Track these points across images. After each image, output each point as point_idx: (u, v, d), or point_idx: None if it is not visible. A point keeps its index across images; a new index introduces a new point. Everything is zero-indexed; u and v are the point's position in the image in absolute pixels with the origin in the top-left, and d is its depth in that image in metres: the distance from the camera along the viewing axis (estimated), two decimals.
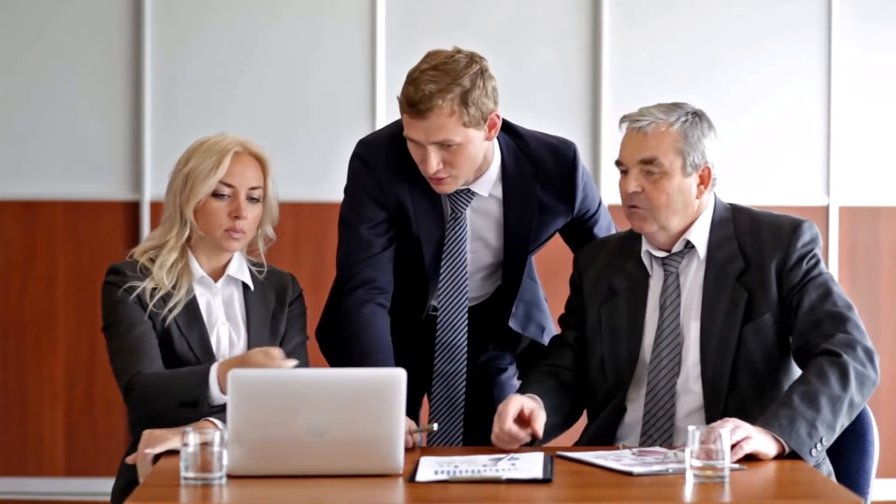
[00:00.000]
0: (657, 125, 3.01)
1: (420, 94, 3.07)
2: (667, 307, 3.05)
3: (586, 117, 5.51)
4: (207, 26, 5.50)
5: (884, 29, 5.57)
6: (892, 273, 5.62)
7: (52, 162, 5.49)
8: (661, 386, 3.02)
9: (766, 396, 2.98)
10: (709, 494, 2.48)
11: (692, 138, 3.02)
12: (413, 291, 3.37)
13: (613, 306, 3.10)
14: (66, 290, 5.53)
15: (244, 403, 2.58)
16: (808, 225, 3.05)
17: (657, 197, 3.00)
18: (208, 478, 2.50)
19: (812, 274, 3.01)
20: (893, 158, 5.60)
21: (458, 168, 3.15)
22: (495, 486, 2.54)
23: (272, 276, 3.22)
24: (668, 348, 3.03)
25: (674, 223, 3.03)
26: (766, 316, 3.00)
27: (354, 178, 3.31)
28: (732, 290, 3.01)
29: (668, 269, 3.07)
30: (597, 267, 3.17)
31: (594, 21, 5.53)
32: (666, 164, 2.99)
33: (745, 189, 5.50)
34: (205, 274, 3.14)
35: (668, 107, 3.06)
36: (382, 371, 2.73)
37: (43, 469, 5.53)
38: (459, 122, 3.09)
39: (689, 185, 3.02)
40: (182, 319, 3.08)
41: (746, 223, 3.07)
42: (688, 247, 3.06)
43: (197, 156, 3.10)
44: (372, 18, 5.50)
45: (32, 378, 5.53)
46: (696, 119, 3.05)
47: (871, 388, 2.90)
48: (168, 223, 3.14)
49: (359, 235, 3.28)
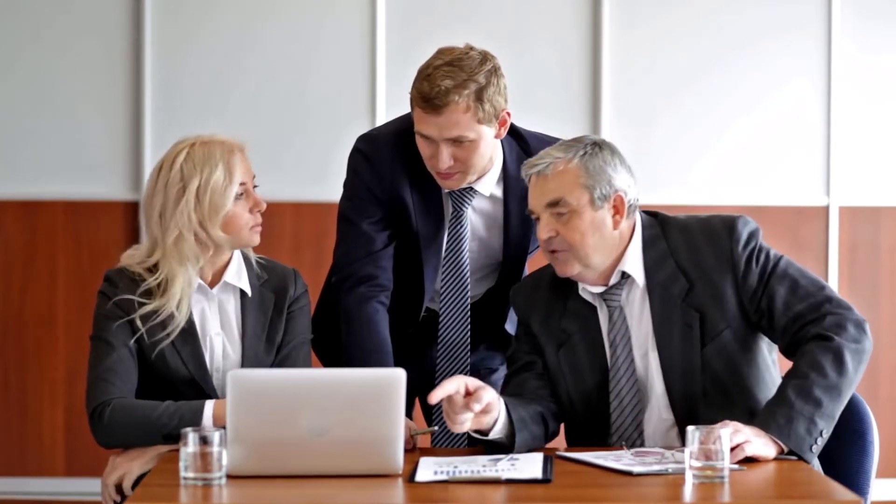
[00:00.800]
0: (555, 165, 2.94)
1: (436, 90, 3.06)
2: (617, 344, 2.99)
3: (586, 118, 5.51)
4: (207, 26, 5.50)
5: (884, 29, 5.57)
6: (893, 273, 5.62)
7: (52, 162, 5.49)
8: (626, 423, 2.98)
9: (739, 407, 2.93)
10: (708, 494, 2.48)
11: (593, 170, 2.93)
12: (409, 291, 3.37)
13: (570, 349, 3.02)
14: (66, 290, 5.53)
15: (244, 403, 2.58)
16: (743, 222, 2.98)
17: (571, 236, 2.93)
18: (208, 478, 2.50)
19: (768, 269, 2.95)
20: (893, 158, 5.60)
21: (468, 165, 3.15)
22: (495, 487, 2.54)
23: (273, 276, 3.13)
24: (626, 385, 2.98)
25: (597, 260, 2.95)
26: (724, 333, 2.94)
27: (354, 172, 3.30)
28: (682, 312, 2.94)
29: (610, 305, 3.00)
30: (540, 309, 3.08)
31: (594, 21, 5.53)
32: (572, 202, 2.92)
33: (745, 189, 5.50)
34: (201, 281, 3.05)
35: (566, 144, 2.98)
36: (382, 371, 2.73)
37: (43, 469, 5.53)
38: (474, 119, 3.09)
39: (602, 218, 2.94)
40: (178, 337, 3.01)
41: (678, 237, 3.00)
42: (624, 277, 2.99)
43: (195, 170, 2.99)
44: (372, 18, 5.50)
45: (32, 378, 5.53)
46: (595, 150, 2.96)
47: (866, 359, 2.86)
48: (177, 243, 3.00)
49: (359, 231, 3.27)
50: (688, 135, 5.53)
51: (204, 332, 3.05)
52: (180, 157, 3.01)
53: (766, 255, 2.96)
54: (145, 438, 2.89)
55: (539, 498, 2.50)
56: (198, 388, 3.01)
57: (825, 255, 5.52)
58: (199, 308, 3.06)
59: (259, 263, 3.14)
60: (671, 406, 2.96)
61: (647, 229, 3.01)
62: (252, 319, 3.08)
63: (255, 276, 3.12)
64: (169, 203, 3.00)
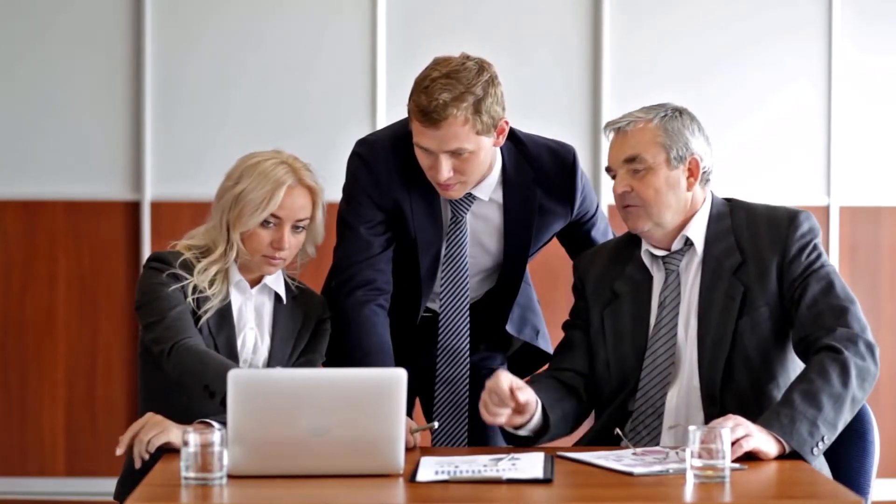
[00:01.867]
0: (636, 123, 3.04)
1: (434, 103, 3.05)
2: (665, 306, 3.05)
3: (587, 120, 5.51)
4: (208, 27, 5.50)
5: (884, 30, 5.57)
6: (893, 273, 5.62)
7: (53, 162, 5.49)
8: (652, 385, 3.03)
9: (762, 390, 2.98)
10: (709, 494, 2.48)
11: (672, 131, 3.03)
12: (407, 294, 3.37)
13: (616, 309, 3.11)
14: (67, 290, 5.53)
15: (244, 403, 2.58)
16: (806, 216, 3.06)
17: (646, 192, 3.01)
18: (208, 478, 2.50)
19: (814, 266, 3.01)
20: (894, 158, 5.61)
21: (468, 175, 3.15)
22: (496, 486, 2.54)
23: (304, 296, 3.22)
24: (662, 348, 3.03)
25: (668, 218, 3.04)
26: (762, 309, 3.00)
27: (353, 177, 3.30)
28: (729, 284, 3.01)
29: (668, 269, 3.07)
30: (597, 271, 3.17)
31: (595, 23, 5.53)
32: (649, 159, 3.01)
33: (746, 189, 5.49)
34: (242, 278, 3.14)
35: (649, 107, 3.08)
36: (383, 371, 2.73)
37: (43, 469, 5.53)
38: (473, 131, 3.09)
39: (677, 178, 3.03)
40: (213, 320, 3.09)
41: (743, 217, 3.08)
42: (687, 244, 3.07)
43: (250, 177, 3.08)
44: (372, 19, 5.50)
45: (33, 378, 5.53)
46: (675, 114, 3.06)
47: (872, 382, 2.89)
48: (213, 233, 3.13)
49: (358, 235, 3.28)
50: None
51: (239, 326, 3.13)
52: (251, 161, 3.13)
53: (817, 253, 3.04)
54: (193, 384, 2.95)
55: (540, 498, 2.50)
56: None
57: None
58: (238, 304, 3.14)
59: (296, 284, 3.23)
60: (699, 373, 3.01)
61: (716, 206, 3.10)
62: (283, 323, 3.16)
63: (291, 290, 3.20)
64: (221, 193, 3.13)
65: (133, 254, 5.48)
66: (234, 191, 3.09)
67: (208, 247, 3.13)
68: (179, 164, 5.47)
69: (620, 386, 3.07)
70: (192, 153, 5.46)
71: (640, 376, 3.04)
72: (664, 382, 3.02)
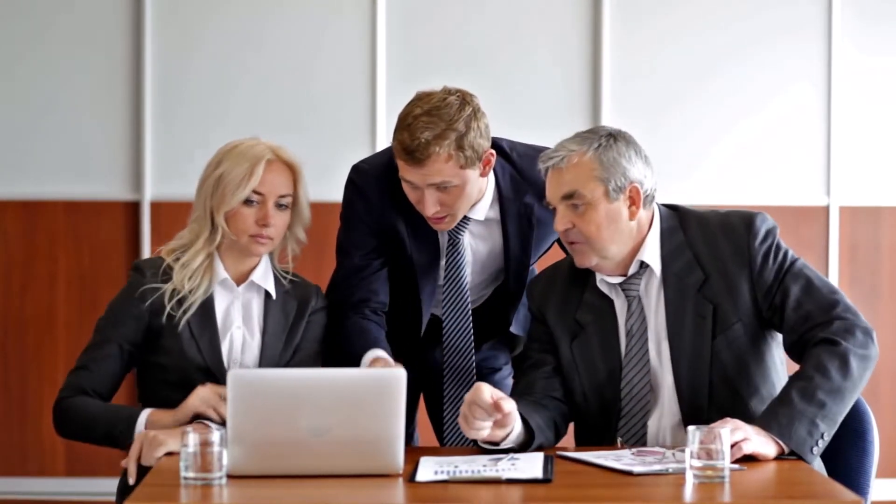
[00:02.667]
0: (569, 157, 2.95)
1: (416, 142, 3.05)
2: (633, 334, 3.00)
3: (586, 120, 5.50)
4: (208, 27, 5.50)
5: (884, 30, 5.57)
6: (893, 273, 5.61)
7: (53, 162, 5.49)
8: (633, 413, 2.99)
9: (746, 404, 2.95)
10: (708, 494, 2.48)
11: (607, 162, 2.94)
12: (410, 308, 3.37)
13: (584, 341, 3.04)
14: (67, 290, 5.53)
15: (244, 403, 2.58)
16: (761, 219, 3.00)
17: (587, 229, 2.94)
18: (208, 478, 2.50)
19: (784, 266, 2.96)
20: (894, 158, 5.60)
21: (455, 208, 3.16)
22: (495, 486, 2.54)
23: (297, 287, 3.21)
24: (637, 376, 2.99)
25: (613, 250, 2.97)
26: (736, 326, 2.95)
27: (348, 204, 3.32)
28: (696, 302, 2.96)
29: (628, 294, 3.01)
30: (556, 301, 3.09)
31: (594, 24, 5.52)
32: (587, 195, 2.94)
33: (745, 189, 5.50)
34: (228, 277, 3.14)
35: (581, 136, 2.99)
36: (382, 371, 2.74)
37: (43, 469, 5.52)
38: (456, 166, 3.09)
39: (618, 210, 2.96)
40: (195, 322, 3.08)
41: (696, 229, 3.02)
42: (643, 267, 3.00)
43: (229, 160, 3.10)
44: (372, 20, 5.50)
45: (33, 378, 5.53)
46: (610, 141, 2.97)
47: (871, 366, 2.87)
48: (197, 225, 3.15)
49: (352, 262, 3.31)
50: (688, 136, 5.53)
51: (226, 326, 3.12)
52: (228, 147, 3.14)
53: (783, 253, 2.98)
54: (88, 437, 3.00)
55: (539, 498, 2.50)
56: (212, 377, 3.05)
57: (825, 255, 5.52)
58: (224, 304, 3.13)
59: (286, 276, 3.21)
60: (678, 397, 2.97)
61: (665, 220, 3.03)
62: (274, 319, 3.15)
63: (282, 284, 3.19)
64: (201, 185, 3.15)
65: (133, 254, 5.48)
66: (214, 175, 3.11)
67: (193, 242, 3.14)
68: (179, 164, 5.47)
69: (603, 413, 3.02)
70: (191, 153, 5.45)
71: (621, 405, 2.99)
72: (644, 410, 2.99)
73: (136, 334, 3.08)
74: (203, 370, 3.06)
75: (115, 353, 3.07)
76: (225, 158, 3.11)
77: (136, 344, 3.08)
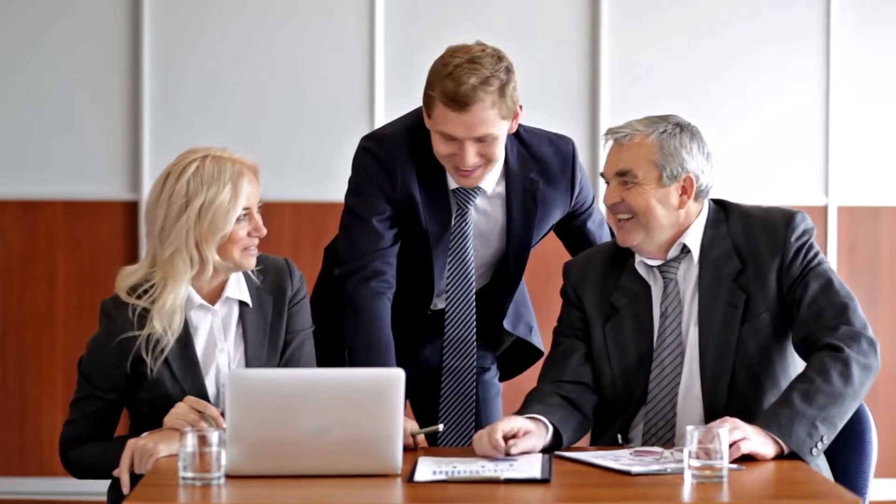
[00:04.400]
0: (632, 137, 3.01)
1: (463, 87, 3.07)
2: (668, 315, 3.03)
3: (585, 119, 5.51)
4: (206, 27, 5.50)
5: (882, 30, 5.57)
6: (892, 273, 5.62)
7: (52, 162, 5.49)
8: (662, 395, 3.01)
9: (765, 395, 2.98)
10: (707, 494, 2.48)
11: (668, 149, 3.00)
12: (417, 288, 3.37)
13: (617, 324, 3.07)
14: (66, 290, 5.53)
15: (243, 403, 2.58)
16: (801, 217, 3.05)
17: (636, 203, 2.99)
18: (207, 478, 2.50)
19: (811, 265, 3.00)
20: (892, 158, 5.60)
21: (492, 159, 3.18)
22: (493, 486, 2.55)
23: (267, 275, 3.10)
24: (668, 357, 3.02)
25: (658, 231, 3.01)
26: (762, 315, 2.99)
27: (364, 172, 3.29)
28: (730, 291, 3.00)
29: (666, 277, 3.05)
30: (593, 283, 3.12)
31: (593, 23, 5.53)
32: (639, 176, 2.99)
33: (744, 189, 5.49)
34: (203, 301, 3.03)
35: (651, 119, 3.05)
36: (381, 371, 2.74)
37: (43, 469, 5.52)
38: (499, 115, 3.12)
39: (667, 195, 3.01)
40: (176, 364, 2.99)
41: (738, 221, 3.06)
42: (684, 251, 3.05)
43: (201, 186, 2.95)
44: (371, 20, 5.50)
45: (32, 378, 5.53)
46: (675, 130, 3.02)
47: (872, 377, 2.89)
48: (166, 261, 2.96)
49: (371, 227, 3.27)
50: None
51: (207, 353, 3.03)
52: (189, 171, 2.97)
53: (814, 253, 3.03)
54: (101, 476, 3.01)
55: (537, 498, 2.50)
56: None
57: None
58: (205, 327, 3.04)
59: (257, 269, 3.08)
60: (701, 381, 3.00)
61: (712, 213, 3.08)
62: (252, 326, 3.06)
63: (252, 281, 3.09)
64: (171, 216, 2.96)
65: (131, 254, 5.48)
66: (193, 206, 2.93)
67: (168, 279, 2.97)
68: None
69: (628, 400, 3.05)
70: None
71: (649, 388, 3.02)
72: (673, 393, 3.01)
73: (118, 381, 3.00)
74: None
75: (100, 406, 3.03)
76: (193, 186, 2.95)
77: (121, 390, 3.01)
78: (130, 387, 3.02)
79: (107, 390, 3.03)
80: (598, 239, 3.48)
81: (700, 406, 3.00)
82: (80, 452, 3.04)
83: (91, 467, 3.03)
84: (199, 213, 2.94)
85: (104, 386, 3.02)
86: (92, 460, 3.02)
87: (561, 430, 2.91)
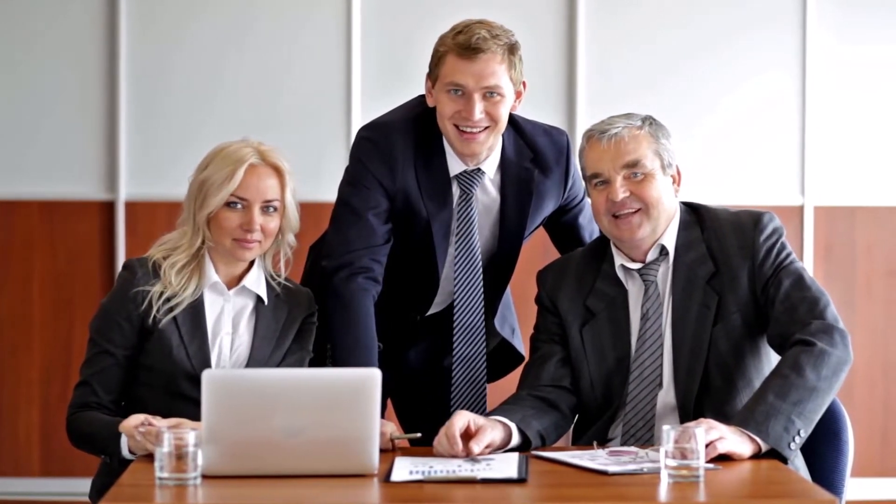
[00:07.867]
0: (630, 129, 3.04)
1: (476, 37, 3.16)
2: (649, 317, 3.04)
3: (561, 111, 5.51)
4: (183, 28, 5.49)
5: (861, 19, 5.56)
6: (868, 273, 5.64)
7: (28, 162, 5.48)
8: (642, 396, 3.02)
9: (738, 395, 2.99)
10: (683, 494, 2.49)
11: (661, 139, 3.07)
12: (414, 291, 3.36)
13: (594, 327, 3.09)
14: (42, 290, 5.51)
15: (219, 403, 2.57)
16: (769, 217, 3.07)
17: (648, 194, 3.02)
18: (183, 478, 2.50)
19: (783, 264, 3.02)
20: (869, 158, 5.62)
21: (498, 119, 3.21)
22: (470, 486, 2.55)
23: (289, 293, 3.17)
24: (649, 359, 3.03)
25: (661, 224, 3.05)
26: (734, 315, 3.01)
27: (360, 161, 3.28)
28: (703, 293, 3.02)
29: (647, 280, 3.06)
30: (568, 288, 3.14)
31: (570, 14, 5.53)
32: (649, 166, 3.02)
33: (718, 188, 5.51)
34: (219, 280, 3.10)
35: (628, 115, 3.09)
36: (357, 371, 2.73)
37: (19, 469, 5.51)
38: (507, 72, 3.19)
39: (668, 186, 3.07)
40: (185, 327, 3.06)
41: (710, 224, 3.08)
42: (662, 253, 3.07)
43: (215, 163, 3.07)
44: (347, 19, 5.49)
45: (8, 378, 5.51)
46: (656, 123, 3.09)
47: (846, 369, 2.90)
48: (182, 226, 3.12)
49: (364, 221, 3.26)
50: None
51: (215, 332, 3.09)
52: (214, 150, 3.12)
53: (785, 252, 3.05)
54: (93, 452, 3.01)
55: (514, 497, 2.50)
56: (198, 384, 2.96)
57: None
58: (216, 308, 3.11)
59: (279, 282, 3.17)
60: (674, 381, 3.01)
61: (684, 214, 3.11)
62: (264, 323, 3.12)
63: (273, 289, 3.15)
64: (189, 188, 3.12)
65: (108, 254, 5.47)
66: (199, 177, 3.09)
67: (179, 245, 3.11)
68: (154, 164, 5.46)
69: (607, 402, 3.06)
70: (166, 153, 5.45)
71: (629, 389, 3.03)
72: (653, 394, 3.02)
73: (130, 338, 3.06)
74: (190, 377, 3.02)
75: (112, 364, 3.06)
76: (211, 161, 3.08)
77: (133, 346, 3.06)
78: (140, 343, 3.06)
79: (117, 345, 3.05)
80: (588, 234, 3.48)
81: (674, 406, 3.01)
82: (81, 420, 3.03)
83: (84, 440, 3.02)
84: (200, 185, 3.08)
85: (115, 340, 3.05)
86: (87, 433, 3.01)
87: (524, 428, 2.90)
